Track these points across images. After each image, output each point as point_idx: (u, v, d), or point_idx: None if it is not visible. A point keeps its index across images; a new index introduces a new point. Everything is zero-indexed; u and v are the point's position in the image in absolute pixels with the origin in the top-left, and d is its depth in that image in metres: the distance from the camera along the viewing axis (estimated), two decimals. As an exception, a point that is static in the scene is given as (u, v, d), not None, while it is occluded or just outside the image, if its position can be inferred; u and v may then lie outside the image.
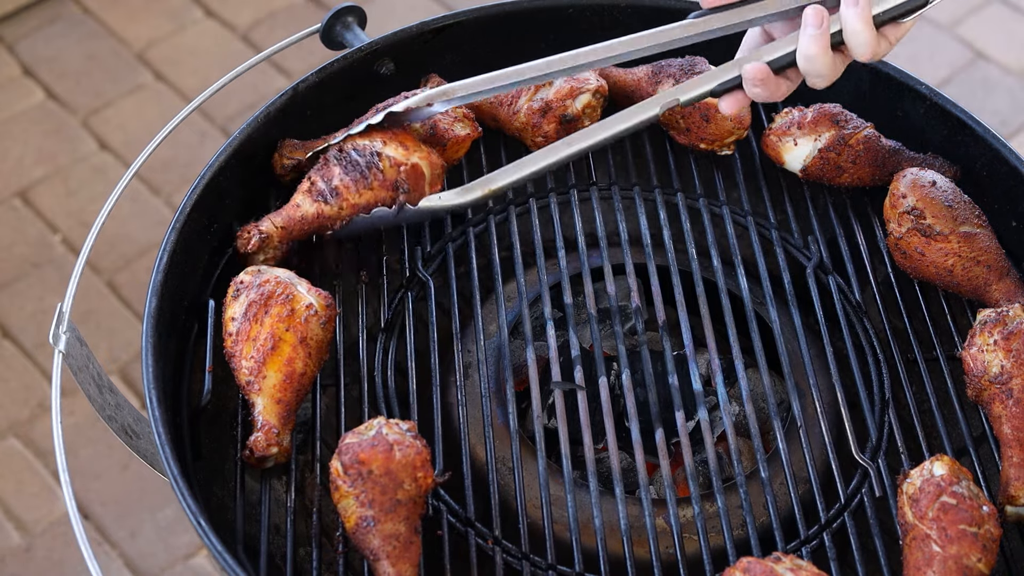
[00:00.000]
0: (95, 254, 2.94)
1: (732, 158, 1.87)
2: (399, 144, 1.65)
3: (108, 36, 3.51)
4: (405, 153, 1.63)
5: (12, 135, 3.27)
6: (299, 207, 1.65)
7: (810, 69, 1.47)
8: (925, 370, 1.66)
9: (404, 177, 1.63)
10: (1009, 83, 3.46)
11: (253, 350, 1.51)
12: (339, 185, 1.63)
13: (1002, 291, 1.67)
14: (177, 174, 3.18)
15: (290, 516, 1.48)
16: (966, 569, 1.36)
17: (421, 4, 3.61)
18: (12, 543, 2.57)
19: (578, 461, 1.59)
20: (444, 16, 1.90)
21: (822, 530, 1.53)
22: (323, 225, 1.65)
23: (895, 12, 1.46)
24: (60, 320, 1.55)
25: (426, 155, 1.66)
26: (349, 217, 1.64)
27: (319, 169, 1.66)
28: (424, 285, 1.72)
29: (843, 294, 1.76)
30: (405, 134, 1.67)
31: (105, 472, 2.67)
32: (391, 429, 1.42)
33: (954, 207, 1.69)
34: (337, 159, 1.64)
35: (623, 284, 1.78)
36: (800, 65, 1.47)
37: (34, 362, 2.84)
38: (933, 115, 1.84)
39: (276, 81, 3.38)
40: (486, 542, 1.50)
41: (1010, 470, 1.50)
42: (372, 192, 1.62)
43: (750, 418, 1.56)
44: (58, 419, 1.51)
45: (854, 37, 1.44)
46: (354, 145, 1.65)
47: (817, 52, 1.45)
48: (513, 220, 1.76)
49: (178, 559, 2.57)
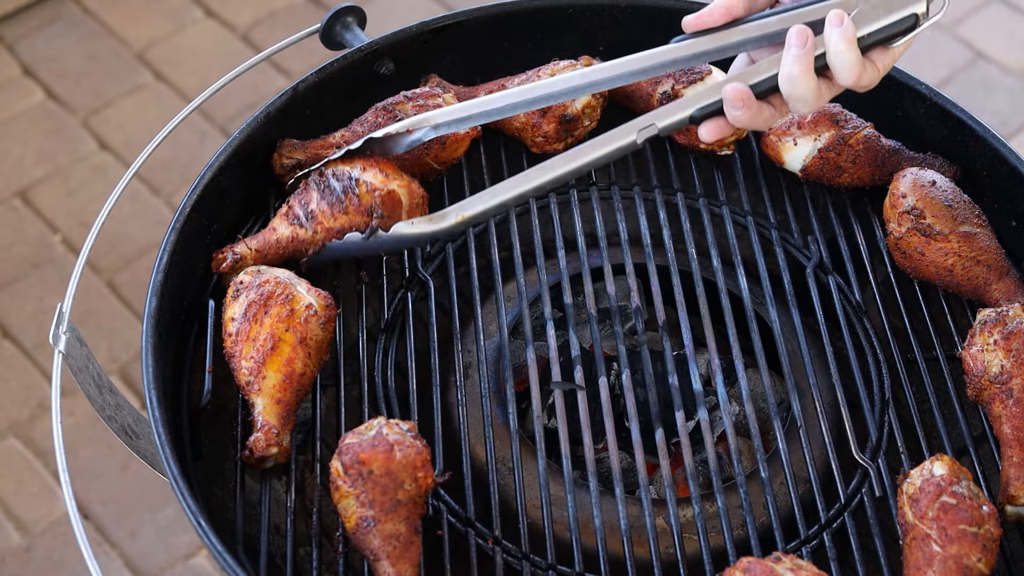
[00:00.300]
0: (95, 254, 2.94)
1: (732, 158, 1.86)
2: (379, 171, 1.64)
3: (108, 36, 3.51)
4: (384, 180, 1.62)
5: (12, 135, 3.27)
6: (275, 230, 1.64)
7: (792, 92, 1.40)
8: (925, 370, 1.66)
9: (379, 202, 1.61)
10: (1009, 83, 3.46)
11: (253, 350, 1.51)
12: (315, 210, 1.62)
13: (1002, 291, 1.67)
14: (177, 174, 3.18)
15: (290, 516, 1.48)
16: (966, 569, 1.36)
17: (421, 4, 3.61)
18: (12, 543, 2.57)
19: (578, 461, 1.59)
20: (444, 16, 1.90)
21: (822, 530, 1.53)
22: (298, 249, 1.64)
23: (881, 35, 1.39)
24: (60, 320, 1.55)
25: (406, 183, 1.64)
26: (323, 242, 1.62)
27: (298, 194, 1.65)
28: (424, 285, 1.72)
29: (843, 294, 1.76)
30: (387, 162, 1.66)
31: (105, 472, 2.67)
32: (391, 429, 1.42)
33: (954, 207, 1.69)
34: (316, 184, 1.64)
35: (623, 284, 1.78)
36: (782, 87, 1.40)
37: (34, 362, 2.84)
38: (933, 115, 1.84)
39: (276, 81, 3.38)
40: (486, 542, 1.50)
41: (1010, 470, 1.50)
42: (347, 216, 1.61)
43: (750, 418, 1.56)
44: (58, 419, 1.51)
45: (837, 58, 1.38)
46: (333, 171, 1.64)
47: (799, 73, 1.38)
48: (513, 220, 1.76)
49: (178, 559, 2.57)
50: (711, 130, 1.46)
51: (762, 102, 1.42)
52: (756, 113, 1.42)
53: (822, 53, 1.39)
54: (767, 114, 1.43)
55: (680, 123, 1.47)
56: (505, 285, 1.74)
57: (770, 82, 1.42)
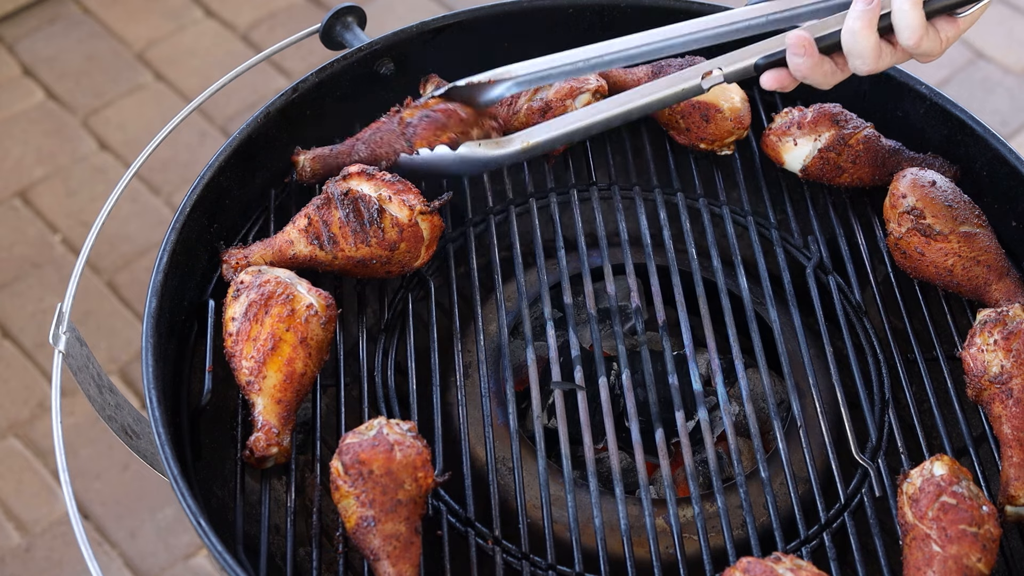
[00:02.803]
0: (95, 254, 2.95)
1: (732, 158, 1.86)
2: (403, 201, 1.61)
3: (108, 36, 3.51)
4: (409, 214, 1.60)
5: (12, 135, 3.27)
6: (292, 244, 1.63)
7: (853, 47, 1.42)
8: (925, 370, 1.66)
9: (402, 238, 1.60)
10: (1009, 83, 3.46)
11: (253, 350, 1.51)
12: (337, 233, 1.60)
13: (1002, 291, 1.67)
14: (177, 174, 3.18)
15: (290, 516, 1.48)
16: (966, 569, 1.36)
17: (421, 4, 3.61)
18: (12, 543, 2.57)
19: (578, 461, 1.59)
20: (444, 16, 1.90)
21: (822, 530, 1.53)
22: (314, 266, 1.64)
23: (947, 1, 1.41)
24: (60, 320, 1.55)
25: (428, 218, 1.63)
26: (342, 265, 1.62)
27: (319, 208, 1.62)
28: (424, 285, 1.72)
29: (843, 294, 1.76)
30: (413, 188, 1.63)
31: (105, 472, 2.67)
32: (392, 429, 1.42)
33: (954, 207, 1.69)
34: (341, 203, 1.61)
35: (623, 284, 1.78)
36: (843, 42, 1.43)
37: (34, 362, 2.84)
38: (933, 115, 1.84)
39: (276, 81, 3.38)
40: (486, 542, 1.50)
41: (1010, 470, 1.50)
42: (369, 249, 1.60)
43: (750, 418, 1.57)
44: (58, 419, 1.51)
45: (900, 17, 1.40)
46: (360, 196, 1.61)
47: (860, 28, 1.41)
48: (513, 220, 1.76)
49: (178, 559, 2.57)
50: (773, 79, 1.49)
51: (825, 56, 1.45)
52: (816, 64, 1.45)
53: (888, 13, 1.41)
54: (827, 68, 1.46)
55: (745, 71, 1.50)
56: (505, 285, 1.74)
57: (834, 37, 1.44)
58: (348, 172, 1.64)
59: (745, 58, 1.50)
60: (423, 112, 1.68)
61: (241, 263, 1.63)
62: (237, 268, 1.63)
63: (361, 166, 1.65)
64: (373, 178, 1.62)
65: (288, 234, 1.63)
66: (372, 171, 1.63)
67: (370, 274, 1.65)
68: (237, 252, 1.64)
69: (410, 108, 1.72)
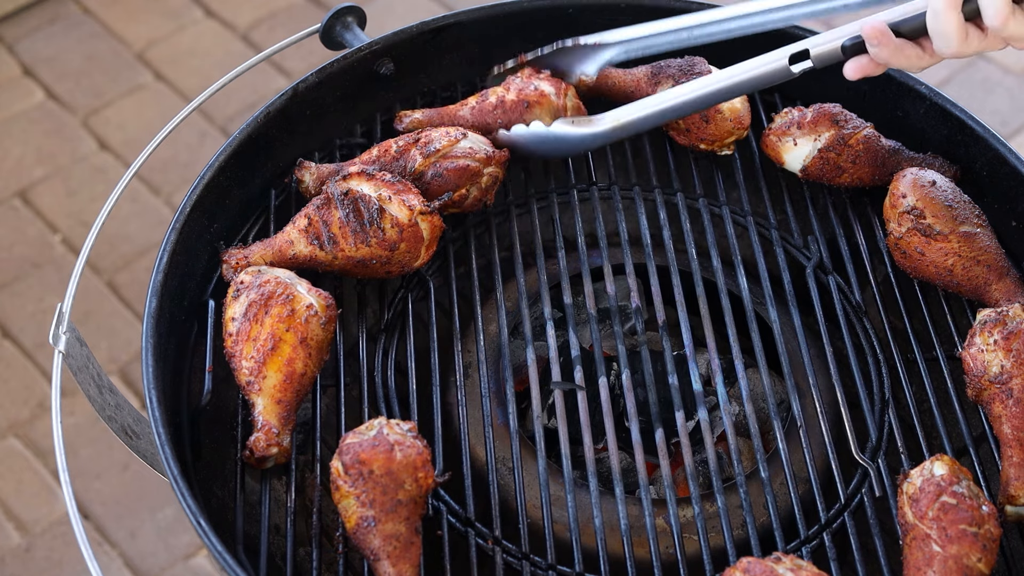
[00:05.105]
0: (95, 254, 2.95)
1: (732, 158, 1.86)
2: (402, 203, 1.61)
3: (108, 36, 3.51)
4: (409, 214, 1.60)
5: (12, 135, 3.27)
6: (292, 244, 1.63)
7: (935, 27, 1.40)
8: (925, 370, 1.66)
9: (402, 238, 1.60)
10: (1009, 83, 3.46)
11: (253, 350, 1.51)
12: (337, 233, 1.60)
13: (1002, 291, 1.67)
14: (177, 174, 3.18)
15: (290, 516, 1.48)
16: (966, 569, 1.36)
17: (421, 4, 3.61)
18: (12, 543, 2.57)
19: (578, 461, 1.59)
20: (444, 16, 1.90)
21: (822, 530, 1.53)
22: (313, 266, 1.64)
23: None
24: (60, 320, 1.55)
25: (428, 218, 1.63)
26: (342, 265, 1.62)
27: (319, 208, 1.63)
28: (424, 285, 1.72)
29: (843, 294, 1.76)
30: (413, 188, 1.63)
31: (105, 472, 2.67)
32: (392, 429, 1.42)
33: (954, 207, 1.69)
34: (341, 203, 1.61)
35: (623, 284, 1.78)
36: (928, 23, 1.41)
37: (34, 362, 2.84)
38: (933, 115, 1.84)
39: (276, 81, 3.38)
40: (486, 542, 1.50)
41: (1010, 470, 1.50)
42: (369, 249, 1.61)
43: (750, 418, 1.57)
44: (58, 419, 1.51)
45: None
46: (359, 194, 1.62)
47: (943, 7, 1.38)
48: (513, 220, 1.76)
49: (178, 559, 2.57)
50: (855, 68, 1.49)
51: (908, 42, 1.44)
52: (896, 51, 1.44)
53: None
54: (910, 53, 1.45)
55: (832, 54, 1.51)
56: (505, 285, 1.74)
57: (914, 21, 1.44)
58: (348, 172, 1.64)
59: (833, 39, 1.50)
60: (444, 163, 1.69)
61: (241, 263, 1.63)
62: (237, 268, 1.63)
63: (361, 166, 1.65)
64: (373, 178, 1.62)
65: (288, 234, 1.63)
66: (372, 171, 1.64)
67: (370, 274, 1.65)
68: (237, 252, 1.64)
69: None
